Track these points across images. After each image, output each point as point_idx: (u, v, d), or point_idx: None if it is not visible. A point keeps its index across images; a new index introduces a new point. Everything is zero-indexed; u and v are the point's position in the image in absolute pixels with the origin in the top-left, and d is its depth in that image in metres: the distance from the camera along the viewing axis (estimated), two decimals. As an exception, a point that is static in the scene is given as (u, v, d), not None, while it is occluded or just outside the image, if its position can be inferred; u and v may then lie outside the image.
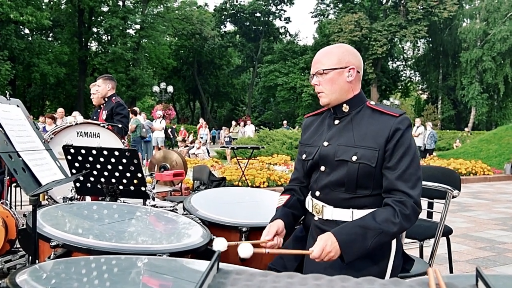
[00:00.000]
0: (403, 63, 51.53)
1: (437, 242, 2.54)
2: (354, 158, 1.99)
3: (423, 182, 2.12)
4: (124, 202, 2.96)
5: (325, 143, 2.10)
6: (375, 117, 2.05)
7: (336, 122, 2.13)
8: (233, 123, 27.63)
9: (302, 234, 2.24)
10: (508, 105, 41.64)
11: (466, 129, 34.21)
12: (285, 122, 30.98)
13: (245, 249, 1.70)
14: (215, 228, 2.45)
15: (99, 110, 5.61)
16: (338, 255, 1.84)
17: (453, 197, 2.63)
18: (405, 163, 1.95)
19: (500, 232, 6.50)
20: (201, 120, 25.12)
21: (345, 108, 2.11)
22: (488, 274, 1.10)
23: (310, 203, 2.18)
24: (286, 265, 2.16)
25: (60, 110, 14.62)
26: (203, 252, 2.11)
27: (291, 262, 2.16)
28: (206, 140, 21.30)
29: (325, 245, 1.83)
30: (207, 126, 21.93)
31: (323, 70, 2.08)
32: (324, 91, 2.10)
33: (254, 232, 2.49)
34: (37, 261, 1.95)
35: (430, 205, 3.15)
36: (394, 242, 2.03)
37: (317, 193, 2.12)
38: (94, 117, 5.50)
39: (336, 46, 2.18)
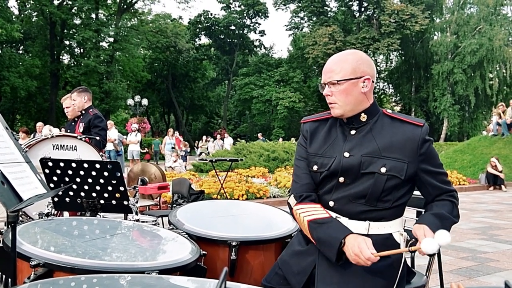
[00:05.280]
0: (376, 75, 51.99)
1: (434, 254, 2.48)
2: (383, 170, 1.93)
3: (414, 192, 2.12)
4: (103, 217, 2.83)
5: (346, 154, 1.99)
6: (396, 126, 1.99)
7: (353, 132, 2.03)
8: (204, 137, 27.44)
9: (303, 247, 2.10)
10: (479, 117, 42.50)
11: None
12: (259, 134, 30.97)
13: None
14: (203, 242, 2.36)
15: (73, 123, 5.45)
16: None
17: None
18: (442, 167, 2.05)
19: (480, 242, 6.54)
20: (176, 133, 24.92)
21: (363, 117, 2.02)
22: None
23: None
24: (291, 281, 2.05)
25: (40, 124, 14.31)
26: (192, 268, 2.01)
27: (296, 277, 2.05)
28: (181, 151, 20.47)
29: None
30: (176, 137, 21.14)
31: (337, 81, 1.98)
32: (338, 103, 2.00)
33: (244, 247, 2.40)
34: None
35: (419, 215, 3.10)
36: (404, 253, 1.99)
37: (331, 204, 2.02)
38: (69, 130, 5.34)
39: (349, 53, 2.06)
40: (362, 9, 44.67)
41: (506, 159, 15.75)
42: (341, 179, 2.00)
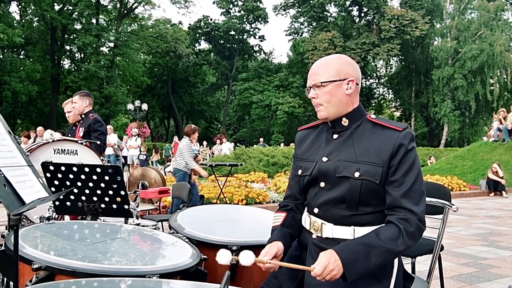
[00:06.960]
0: (376, 80, 52.22)
1: (434, 259, 2.47)
2: (357, 174, 1.90)
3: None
4: (104, 221, 2.84)
5: (324, 159, 2.00)
6: (377, 131, 1.97)
7: (335, 136, 2.04)
8: (204, 143, 27.34)
9: (297, 252, 2.13)
10: (479, 122, 42.45)
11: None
12: (261, 139, 30.98)
13: (247, 257, 1.72)
14: (203, 247, 2.35)
15: (74, 128, 5.47)
16: (340, 274, 1.75)
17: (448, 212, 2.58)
18: (410, 179, 1.88)
19: (481, 248, 6.52)
20: (175, 138, 24.90)
21: (345, 122, 2.02)
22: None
23: (308, 220, 2.08)
24: (282, 286, 2.05)
25: (40, 128, 14.30)
26: (193, 273, 2.01)
27: (287, 282, 2.05)
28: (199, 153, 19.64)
29: (327, 263, 1.74)
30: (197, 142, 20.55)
31: (321, 82, 1.99)
32: (323, 104, 2.01)
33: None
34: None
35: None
36: (396, 260, 1.95)
37: (316, 210, 2.02)
38: (69, 135, 5.35)
39: (334, 57, 2.08)
40: (362, 14, 44.72)
41: (507, 165, 15.75)
42: (322, 184, 2.00)
